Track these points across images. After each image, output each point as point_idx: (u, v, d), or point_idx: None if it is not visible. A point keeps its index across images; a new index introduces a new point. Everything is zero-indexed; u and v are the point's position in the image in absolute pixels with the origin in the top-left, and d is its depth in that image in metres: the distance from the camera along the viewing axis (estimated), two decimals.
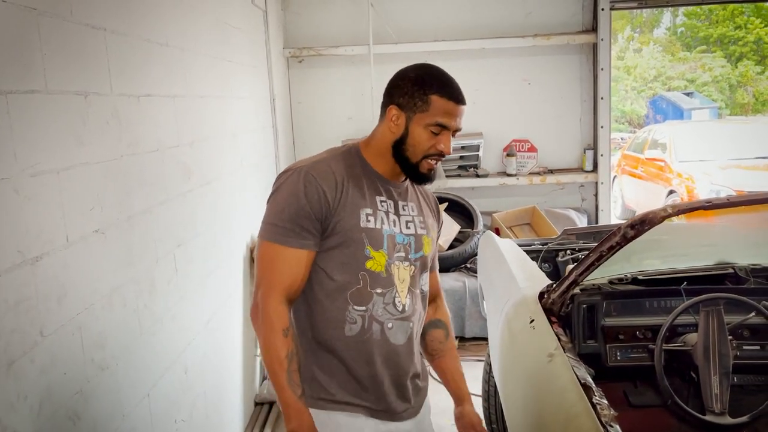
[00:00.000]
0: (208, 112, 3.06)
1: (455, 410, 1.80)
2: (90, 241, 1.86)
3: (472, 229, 4.83)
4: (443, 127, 1.55)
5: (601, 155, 5.19)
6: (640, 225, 1.81)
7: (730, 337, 2.04)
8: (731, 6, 24.01)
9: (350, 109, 5.31)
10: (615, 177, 9.80)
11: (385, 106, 1.60)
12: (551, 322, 2.08)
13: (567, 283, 2.05)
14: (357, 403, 1.60)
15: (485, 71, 5.27)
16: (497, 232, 4.81)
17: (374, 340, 1.57)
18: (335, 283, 1.55)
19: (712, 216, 2.67)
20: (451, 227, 4.76)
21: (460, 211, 4.98)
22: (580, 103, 5.30)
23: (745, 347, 2.16)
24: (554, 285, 2.16)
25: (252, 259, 3.63)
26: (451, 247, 4.70)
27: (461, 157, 5.33)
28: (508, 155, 5.28)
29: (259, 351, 3.73)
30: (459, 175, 5.34)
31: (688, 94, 19.43)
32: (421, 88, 1.53)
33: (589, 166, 5.25)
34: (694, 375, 2.06)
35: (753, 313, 2.05)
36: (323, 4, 5.20)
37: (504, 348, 2.30)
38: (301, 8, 5.22)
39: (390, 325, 1.59)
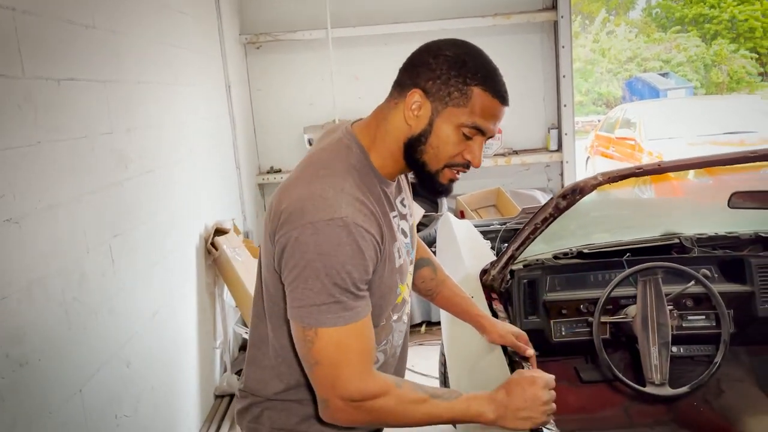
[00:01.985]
0: (148, 98, 2.97)
1: (493, 337, 1.63)
2: (1, 230, 1.78)
3: (437, 212, 4.77)
4: (479, 132, 1.19)
5: (566, 134, 5.15)
6: (572, 194, 1.76)
7: (671, 307, 2.01)
8: None
9: (311, 95, 5.22)
10: (588, 158, 9.81)
11: (403, 86, 1.21)
12: (492, 299, 2.03)
13: (505, 258, 2.01)
14: None
15: None
16: (462, 215, 4.76)
17: (390, 366, 1.40)
18: None
19: (659, 185, 2.63)
20: (416, 211, 4.69)
21: (424, 194, 4.91)
22: (543, 83, 5.26)
23: (689, 317, 2.13)
24: (494, 262, 2.11)
25: (207, 251, 3.55)
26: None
27: None
28: None
29: (218, 342, 3.66)
30: None
31: (663, 75, 19.53)
32: (460, 74, 1.16)
33: (554, 146, 5.21)
34: (637, 347, 2.03)
35: (692, 282, 2.02)
36: None
37: (447, 327, 2.25)
38: None
39: (399, 342, 1.42)
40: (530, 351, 1.59)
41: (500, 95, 1.18)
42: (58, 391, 2.01)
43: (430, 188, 1.26)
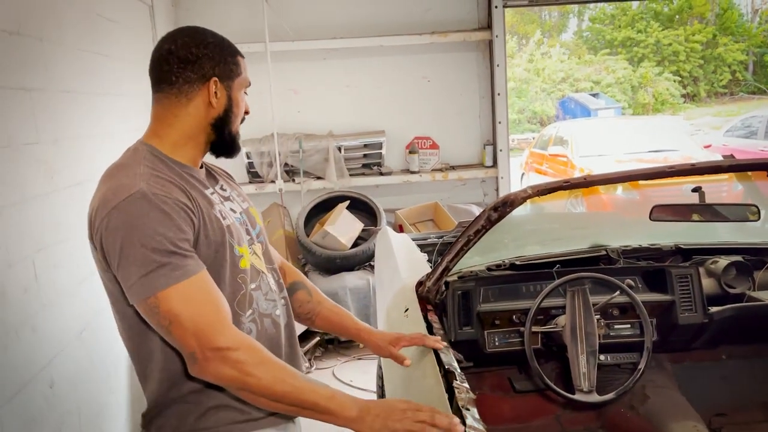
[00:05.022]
0: (77, 108, 2.87)
1: (373, 349, 1.67)
2: None
3: (376, 226, 4.79)
4: (248, 85, 1.49)
5: (500, 150, 5.28)
6: (503, 207, 1.80)
7: (598, 316, 2.08)
8: (632, 12, 25.40)
9: (249, 108, 5.17)
10: (523, 174, 10.08)
11: (191, 81, 1.36)
12: (427, 310, 2.05)
13: (440, 270, 2.03)
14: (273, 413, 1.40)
15: (385, 69, 5.28)
16: (401, 228, 4.80)
17: (271, 336, 1.43)
18: None
19: (590, 199, 2.74)
20: (353, 225, 4.70)
21: (364, 209, 4.93)
22: (478, 100, 5.39)
23: (616, 326, 2.21)
24: (430, 273, 2.14)
25: None
26: (354, 245, 4.64)
27: (364, 155, 5.30)
28: (410, 152, 5.29)
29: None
30: (363, 174, 5.31)
31: (594, 95, 20.32)
32: (227, 52, 1.41)
33: (489, 162, 5.33)
34: (566, 356, 2.09)
35: (618, 292, 2.10)
36: (216, 0, 5.05)
37: None
38: (192, 4, 5.05)
39: (277, 312, 1.47)
40: (430, 341, 1.64)
41: (241, 53, 1.47)
42: None
43: (233, 148, 1.46)
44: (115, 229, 1.20)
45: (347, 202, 4.83)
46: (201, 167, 1.46)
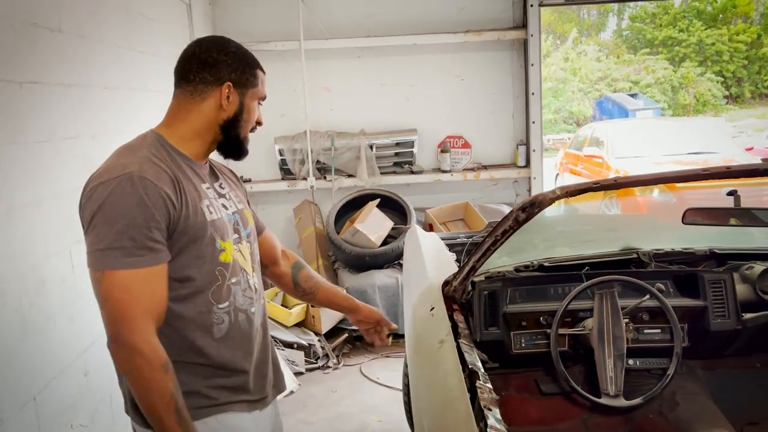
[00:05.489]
0: (115, 104, 2.95)
1: (352, 319, 1.96)
2: None
3: (405, 225, 4.80)
4: (263, 99, 1.57)
5: (534, 150, 5.23)
6: (530, 207, 1.79)
7: (627, 320, 2.05)
8: (674, 10, 24.85)
9: (283, 106, 5.22)
10: (558, 174, 9.96)
11: (207, 83, 1.46)
12: (453, 310, 2.05)
13: (466, 270, 2.03)
14: (240, 399, 1.52)
15: (418, 67, 5.27)
16: (430, 227, 4.79)
17: (244, 331, 1.52)
18: (192, 286, 1.42)
19: (625, 201, 2.70)
20: (383, 224, 4.72)
21: (394, 207, 4.95)
22: (512, 99, 5.34)
23: (645, 331, 2.17)
24: (456, 273, 2.13)
25: None
26: (384, 243, 4.65)
27: (396, 154, 5.31)
28: (442, 151, 5.28)
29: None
30: (394, 172, 5.32)
31: (632, 96, 19.96)
32: (248, 63, 1.50)
33: (522, 162, 5.28)
34: (593, 359, 2.06)
35: (647, 296, 2.06)
36: None
37: (409, 337, 2.26)
38: (229, 2, 5.12)
39: (253, 309, 1.55)
40: (393, 326, 1.99)
41: (263, 69, 1.55)
42: (10, 399, 1.97)
43: (240, 152, 1.55)
44: (93, 202, 1.31)
45: (378, 201, 4.85)
46: (205, 163, 1.55)
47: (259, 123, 1.57)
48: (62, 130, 2.42)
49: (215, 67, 1.46)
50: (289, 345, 4.03)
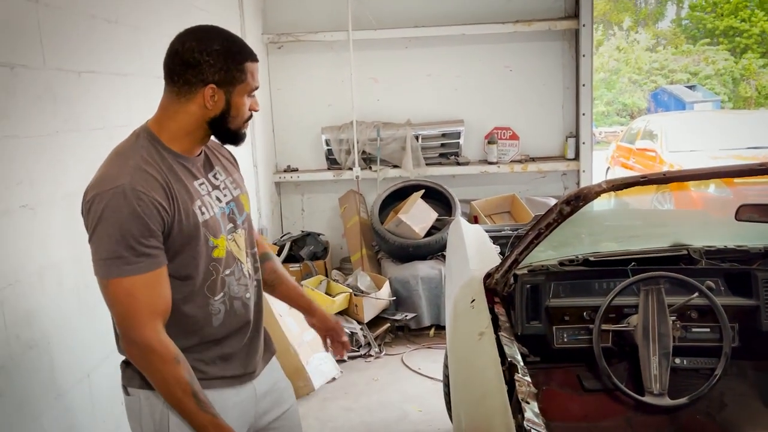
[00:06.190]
0: None
1: (308, 321, 1.94)
2: (15, 216, 1.83)
3: (450, 216, 4.78)
4: (256, 89, 1.54)
5: (583, 143, 5.13)
6: (575, 201, 1.76)
7: (674, 318, 2.00)
8: (735, 0, 23.85)
9: (330, 96, 5.27)
10: (609, 168, 9.74)
11: (191, 84, 1.43)
12: (494, 303, 2.04)
13: (509, 263, 2.01)
14: (227, 374, 1.58)
15: (466, 58, 5.23)
16: (475, 219, 4.76)
17: (240, 316, 1.58)
18: (191, 283, 1.49)
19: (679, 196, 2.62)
20: (428, 215, 4.71)
21: (439, 198, 4.93)
22: (562, 91, 5.25)
23: (693, 329, 2.12)
24: (499, 266, 2.12)
25: None
26: (428, 234, 4.65)
27: (442, 145, 5.29)
28: (489, 143, 5.23)
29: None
30: (440, 163, 5.31)
31: (690, 87, 19.25)
32: (233, 59, 1.45)
33: (571, 154, 5.19)
34: (638, 356, 2.02)
35: (696, 294, 2.01)
36: None
37: (450, 329, 2.26)
38: None
39: (248, 295, 1.61)
40: (345, 338, 1.92)
41: (255, 58, 1.50)
42: (65, 375, 2.07)
43: (236, 140, 1.56)
44: (93, 213, 1.38)
45: (422, 191, 4.84)
46: (199, 155, 1.55)
47: (254, 110, 1.56)
48: (116, 119, 2.50)
49: (197, 68, 1.42)
50: None
